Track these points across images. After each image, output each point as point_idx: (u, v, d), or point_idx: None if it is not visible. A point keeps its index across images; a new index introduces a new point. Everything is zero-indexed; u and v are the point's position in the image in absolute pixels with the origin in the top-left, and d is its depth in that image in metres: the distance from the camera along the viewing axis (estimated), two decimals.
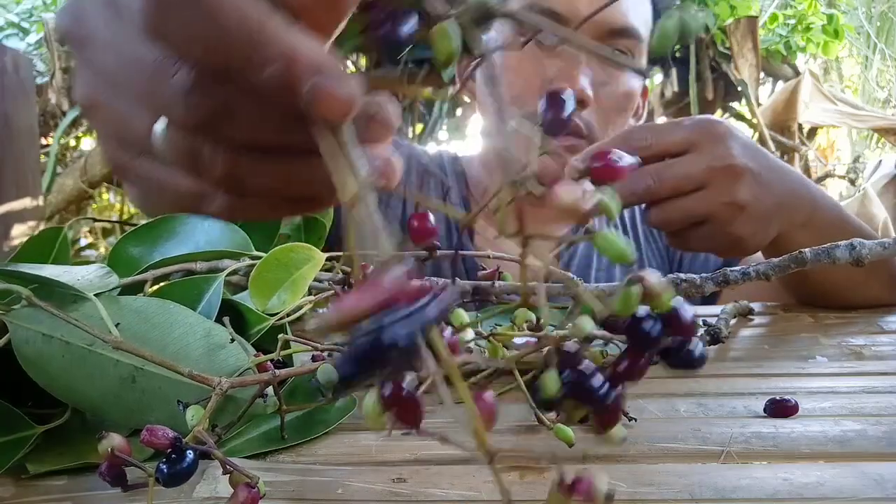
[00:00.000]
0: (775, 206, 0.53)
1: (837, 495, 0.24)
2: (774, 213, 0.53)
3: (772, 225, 0.53)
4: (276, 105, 0.21)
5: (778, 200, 0.53)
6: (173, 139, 0.22)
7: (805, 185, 0.58)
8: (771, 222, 0.53)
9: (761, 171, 0.52)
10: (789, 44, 2.41)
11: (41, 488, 0.27)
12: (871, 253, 0.36)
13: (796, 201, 0.55)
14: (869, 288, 0.58)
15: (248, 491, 0.22)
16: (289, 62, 0.19)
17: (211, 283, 0.35)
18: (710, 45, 2.22)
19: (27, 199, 1.71)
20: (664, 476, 0.26)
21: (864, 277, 0.56)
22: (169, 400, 0.29)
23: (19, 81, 1.69)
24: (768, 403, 0.32)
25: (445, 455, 0.29)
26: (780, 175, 0.55)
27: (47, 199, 2.39)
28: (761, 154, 0.54)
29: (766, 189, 0.52)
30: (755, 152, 0.54)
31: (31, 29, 2.65)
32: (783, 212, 0.54)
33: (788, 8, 2.46)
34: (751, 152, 0.53)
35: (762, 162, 0.53)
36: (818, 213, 0.56)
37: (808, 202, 0.56)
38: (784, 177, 0.55)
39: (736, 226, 0.51)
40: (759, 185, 0.52)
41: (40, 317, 0.30)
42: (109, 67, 0.23)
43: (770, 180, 0.53)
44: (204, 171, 0.22)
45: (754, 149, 0.54)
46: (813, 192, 0.58)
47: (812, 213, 0.56)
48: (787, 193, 0.54)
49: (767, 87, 2.73)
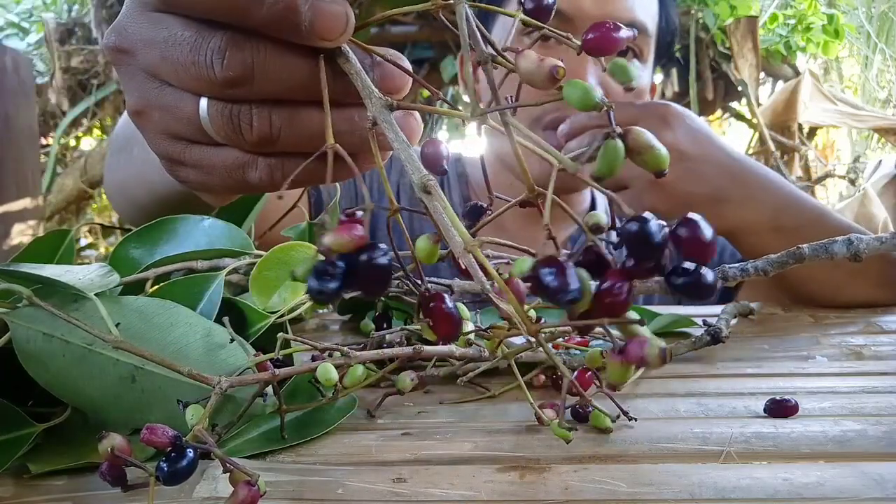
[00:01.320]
0: (705, 196, 0.55)
1: (837, 495, 0.24)
2: (702, 202, 0.55)
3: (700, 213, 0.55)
4: (297, 60, 0.25)
5: (710, 192, 0.55)
6: (214, 113, 0.27)
7: (769, 186, 0.58)
8: (696, 210, 0.55)
9: (696, 159, 0.55)
10: (789, 44, 2.41)
11: (41, 488, 0.27)
12: (869, 248, 0.36)
13: (745, 198, 0.56)
14: (855, 287, 0.57)
15: (249, 489, 0.22)
16: None
17: (212, 282, 0.35)
18: (710, 45, 2.23)
19: (27, 199, 1.71)
20: (664, 476, 0.26)
21: (847, 276, 0.56)
22: (169, 399, 0.29)
23: (19, 81, 1.70)
24: (768, 403, 0.32)
25: (445, 455, 0.29)
26: (724, 170, 0.56)
27: (47, 199, 2.39)
28: (709, 145, 0.56)
29: (695, 176, 0.55)
30: (700, 142, 0.55)
31: (31, 29, 2.65)
32: (720, 205, 0.55)
33: (788, 8, 2.46)
34: (694, 140, 0.55)
35: (704, 151, 0.55)
36: (785, 215, 0.57)
37: (769, 203, 0.56)
38: (730, 172, 0.56)
39: (649, 198, 0.55)
40: (687, 170, 0.54)
41: (41, 316, 0.30)
42: (153, 63, 0.27)
43: (704, 171, 0.55)
44: (244, 135, 0.27)
45: (702, 139, 0.56)
46: (780, 194, 0.57)
47: (776, 214, 0.56)
48: (729, 188, 0.55)
49: (767, 87, 2.73)
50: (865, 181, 2.50)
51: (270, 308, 0.35)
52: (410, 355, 0.31)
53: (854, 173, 2.71)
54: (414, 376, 0.33)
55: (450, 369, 0.38)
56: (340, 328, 0.54)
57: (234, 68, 0.25)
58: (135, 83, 0.29)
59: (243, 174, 0.28)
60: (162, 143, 0.30)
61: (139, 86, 0.29)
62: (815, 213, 0.58)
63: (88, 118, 2.52)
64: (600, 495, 0.25)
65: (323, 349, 0.31)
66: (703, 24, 2.14)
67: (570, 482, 0.26)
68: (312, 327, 0.54)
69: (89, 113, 2.45)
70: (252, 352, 0.32)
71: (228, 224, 0.39)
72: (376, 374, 0.33)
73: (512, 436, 0.30)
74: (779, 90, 2.57)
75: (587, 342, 0.38)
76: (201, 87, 0.27)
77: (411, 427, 0.32)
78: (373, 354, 0.30)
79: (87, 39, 2.43)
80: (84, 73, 2.41)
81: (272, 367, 0.28)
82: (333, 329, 0.53)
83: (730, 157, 0.57)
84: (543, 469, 0.27)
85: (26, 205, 1.71)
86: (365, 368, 0.31)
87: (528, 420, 0.32)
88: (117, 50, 0.29)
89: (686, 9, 2.11)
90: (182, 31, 0.26)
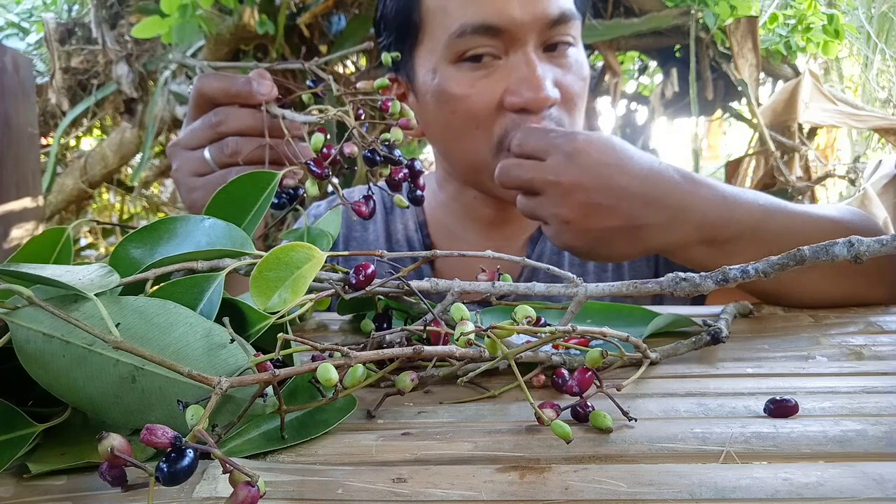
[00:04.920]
0: (619, 227, 0.55)
1: (837, 495, 0.24)
2: (618, 232, 0.55)
3: (620, 243, 0.57)
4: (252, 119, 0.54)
5: (625, 223, 0.55)
6: (212, 151, 0.55)
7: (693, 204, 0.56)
8: (615, 241, 0.56)
9: (603, 193, 0.55)
10: (789, 44, 2.41)
11: (41, 488, 0.27)
12: (870, 250, 0.36)
13: (665, 221, 0.55)
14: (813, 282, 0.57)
15: (248, 489, 0.22)
16: (246, 82, 0.53)
17: (212, 282, 0.35)
18: (710, 45, 2.22)
19: (27, 199, 1.71)
20: (664, 476, 0.26)
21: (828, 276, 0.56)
22: (169, 399, 0.29)
23: (19, 81, 1.70)
24: (768, 403, 0.32)
25: (445, 455, 0.29)
26: (636, 198, 0.55)
27: (47, 199, 2.39)
28: (619, 176, 0.55)
29: (604, 210, 0.55)
30: (608, 174, 0.55)
31: (31, 29, 2.65)
32: (640, 232, 0.55)
33: (788, 8, 2.46)
34: (599, 174, 0.55)
35: (612, 184, 0.55)
36: (713, 229, 0.56)
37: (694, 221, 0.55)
38: (644, 199, 0.55)
39: (566, 238, 0.57)
40: (595, 206, 0.55)
41: (41, 316, 0.30)
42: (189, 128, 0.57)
43: (613, 204, 0.55)
44: (226, 156, 0.54)
45: (610, 171, 0.55)
46: (707, 209, 0.56)
47: (702, 230, 0.56)
48: (645, 215, 0.55)
49: (767, 87, 2.73)
50: (865, 181, 2.50)
51: (270, 309, 0.35)
52: (410, 355, 0.31)
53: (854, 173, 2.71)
54: (414, 376, 0.33)
55: (450, 369, 0.38)
56: (340, 328, 0.54)
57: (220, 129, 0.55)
58: (182, 135, 0.58)
59: (226, 179, 0.47)
60: (186, 178, 0.57)
61: (182, 137, 0.57)
62: (752, 221, 0.56)
63: (88, 118, 2.52)
64: (600, 495, 0.25)
65: (323, 349, 0.31)
66: (703, 24, 2.14)
67: (570, 482, 0.26)
68: (312, 327, 0.54)
69: (89, 113, 2.45)
70: (252, 352, 0.32)
71: (229, 224, 0.39)
72: (376, 375, 0.33)
73: (512, 436, 0.30)
74: (779, 90, 2.56)
75: (587, 342, 0.38)
76: (206, 140, 0.55)
77: (411, 427, 0.32)
78: (373, 354, 0.30)
79: (87, 39, 2.42)
80: (84, 73, 2.40)
81: (272, 368, 0.28)
82: (333, 329, 0.53)
83: (645, 183, 0.55)
84: (543, 469, 0.27)
85: (26, 205, 1.71)
86: (365, 368, 0.31)
87: (528, 420, 0.32)
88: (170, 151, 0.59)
89: (686, 9, 2.10)
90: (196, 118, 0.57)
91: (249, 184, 0.45)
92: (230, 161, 0.54)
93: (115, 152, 2.48)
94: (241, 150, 0.53)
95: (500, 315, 0.46)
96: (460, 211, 0.80)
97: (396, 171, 0.47)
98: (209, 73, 0.57)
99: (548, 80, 0.64)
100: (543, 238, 0.79)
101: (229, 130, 0.54)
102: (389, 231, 0.82)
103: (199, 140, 0.56)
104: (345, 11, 2.03)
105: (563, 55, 0.67)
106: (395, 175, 0.47)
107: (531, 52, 0.64)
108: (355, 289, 0.40)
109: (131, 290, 0.35)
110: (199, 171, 0.56)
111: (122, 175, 2.83)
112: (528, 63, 0.64)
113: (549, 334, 0.34)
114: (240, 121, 0.54)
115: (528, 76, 0.63)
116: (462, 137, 0.68)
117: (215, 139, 0.55)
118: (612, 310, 0.48)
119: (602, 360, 0.32)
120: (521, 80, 0.64)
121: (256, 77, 0.54)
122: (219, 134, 0.55)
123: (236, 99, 0.54)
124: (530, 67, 0.64)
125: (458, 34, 0.65)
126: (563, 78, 0.66)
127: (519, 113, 0.64)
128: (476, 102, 0.66)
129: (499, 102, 0.65)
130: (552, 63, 0.66)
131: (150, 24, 1.68)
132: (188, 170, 0.56)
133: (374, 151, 0.46)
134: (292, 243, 0.37)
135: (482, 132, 0.66)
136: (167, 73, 2.17)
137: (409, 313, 0.47)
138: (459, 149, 0.70)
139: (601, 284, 0.40)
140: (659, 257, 0.78)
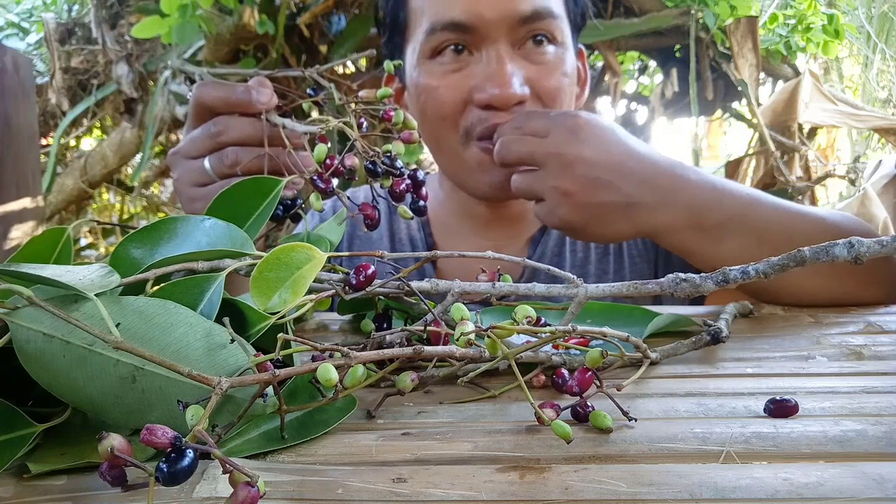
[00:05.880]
0: (615, 203, 0.56)
1: (837, 495, 0.24)
2: (614, 209, 0.57)
3: (614, 220, 0.57)
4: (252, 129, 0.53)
5: (621, 199, 0.56)
6: (212, 161, 0.55)
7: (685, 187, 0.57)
8: (610, 218, 0.57)
9: (604, 168, 0.56)
10: (789, 44, 2.40)
11: (41, 488, 0.27)
12: (871, 251, 0.36)
13: (658, 202, 0.57)
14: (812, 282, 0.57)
15: (248, 489, 0.22)
16: (246, 91, 0.53)
17: (212, 282, 0.35)
18: (710, 45, 2.22)
19: (27, 199, 1.71)
20: (664, 476, 0.26)
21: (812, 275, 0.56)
22: (169, 400, 0.29)
23: (19, 81, 1.69)
24: (768, 403, 0.32)
25: (445, 455, 0.29)
26: (634, 176, 0.56)
27: (47, 199, 2.39)
28: (618, 153, 0.57)
29: (603, 185, 0.56)
30: (608, 151, 0.57)
31: (31, 29, 2.65)
32: (633, 210, 0.56)
33: (788, 8, 2.46)
34: (601, 149, 0.56)
35: (612, 160, 0.56)
36: (703, 214, 0.57)
37: (684, 204, 0.57)
38: (641, 178, 0.56)
39: (562, 211, 0.57)
40: (595, 180, 0.56)
41: (41, 316, 0.30)
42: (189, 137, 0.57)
43: (612, 180, 0.56)
44: (226, 167, 0.54)
45: (610, 147, 0.57)
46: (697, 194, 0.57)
47: (692, 214, 0.57)
48: (640, 194, 0.56)
49: (767, 87, 2.73)
50: (865, 181, 2.50)
51: (270, 309, 0.35)
52: (411, 355, 0.31)
53: (854, 173, 2.70)
54: (414, 376, 0.33)
55: (450, 370, 0.38)
56: (340, 328, 0.54)
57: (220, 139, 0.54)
58: (182, 143, 0.57)
59: None
60: (186, 188, 0.56)
61: (182, 146, 0.57)
62: (739, 208, 0.58)
63: (88, 118, 2.52)
64: (600, 495, 0.25)
65: (323, 349, 0.31)
66: (703, 24, 2.14)
67: (570, 482, 0.26)
68: (312, 327, 0.54)
69: (89, 113, 2.45)
70: (252, 352, 0.32)
71: (229, 224, 0.39)
72: (376, 375, 0.33)
73: (512, 436, 0.30)
74: (779, 90, 2.56)
75: (587, 342, 0.38)
76: (206, 150, 0.55)
77: (411, 427, 0.32)
78: (373, 355, 0.30)
79: (87, 39, 2.42)
80: (84, 73, 2.40)
81: (272, 368, 0.28)
82: (333, 329, 0.53)
83: (641, 163, 0.57)
84: (543, 469, 0.27)
85: (26, 205, 1.71)
86: (365, 369, 0.31)
87: (528, 420, 0.32)
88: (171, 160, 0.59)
89: (686, 9, 2.10)
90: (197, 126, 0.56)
91: (252, 189, 0.45)
92: (230, 172, 0.53)
93: (115, 152, 2.48)
94: (240, 160, 0.53)
95: (501, 315, 0.46)
96: (457, 209, 0.80)
97: (398, 182, 0.47)
98: (208, 81, 0.56)
99: (516, 77, 0.64)
100: (545, 239, 0.79)
101: (229, 140, 0.53)
102: (393, 230, 0.82)
103: (198, 150, 0.55)
104: (345, 11, 2.03)
105: (540, 53, 0.67)
106: (396, 187, 0.47)
107: (502, 50, 0.65)
108: (355, 289, 0.40)
109: (131, 291, 0.35)
110: (200, 181, 0.55)
111: (122, 175, 2.83)
112: (498, 60, 0.65)
113: (549, 334, 0.34)
114: (239, 130, 0.53)
115: (496, 73, 0.64)
116: (435, 129, 0.70)
117: (215, 149, 0.54)
118: (612, 310, 0.48)
119: (602, 360, 0.32)
120: (488, 76, 0.65)
121: (256, 86, 0.53)
122: (218, 144, 0.54)
123: (236, 108, 0.53)
124: (500, 64, 0.65)
125: (429, 31, 0.67)
126: (536, 75, 0.66)
127: (485, 109, 0.65)
128: (443, 94, 0.67)
129: (466, 97, 0.66)
130: (527, 60, 0.67)
131: (150, 24, 1.68)
132: (188, 180, 0.56)
133: (374, 163, 0.46)
134: (293, 244, 0.37)
135: (449, 124, 0.68)
136: (167, 73, 2.17)
137: (410, 313, 0.47)
138: (435, 141, 0.72)
139: (602, 285, 0.40)
140: (658, 258, 0.78)
